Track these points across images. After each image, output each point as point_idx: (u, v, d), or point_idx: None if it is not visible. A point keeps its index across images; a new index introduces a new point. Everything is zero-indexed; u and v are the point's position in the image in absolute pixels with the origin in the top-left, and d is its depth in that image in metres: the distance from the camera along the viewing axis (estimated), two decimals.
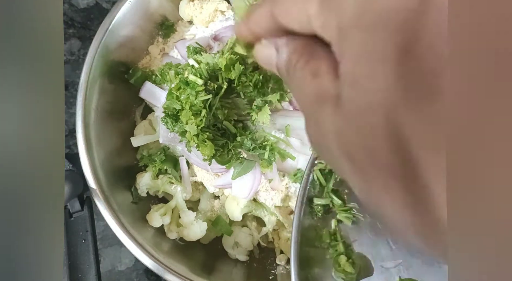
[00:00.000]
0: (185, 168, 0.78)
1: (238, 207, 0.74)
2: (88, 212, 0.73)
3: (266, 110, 0.67)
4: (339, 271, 0.54)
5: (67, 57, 0.95)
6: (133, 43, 0.80)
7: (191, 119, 0.64)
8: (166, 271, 0.68)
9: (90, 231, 0.72)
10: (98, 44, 0.73)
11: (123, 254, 0.89)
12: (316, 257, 0.57)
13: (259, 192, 0.73)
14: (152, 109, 0.84)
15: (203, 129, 0.65)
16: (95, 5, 0.95)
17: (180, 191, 0.78)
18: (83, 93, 0.72)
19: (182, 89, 0.68)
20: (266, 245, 0.80)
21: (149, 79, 0.80)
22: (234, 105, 0.70)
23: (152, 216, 0.75)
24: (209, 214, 0.80)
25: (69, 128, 0.89)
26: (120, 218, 0.70)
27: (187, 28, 0.83)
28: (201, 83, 0.65)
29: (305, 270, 0.56)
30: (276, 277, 0.77)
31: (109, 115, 0.78)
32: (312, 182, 0.59)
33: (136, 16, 0.78)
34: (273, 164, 0.69)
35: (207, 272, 0.74)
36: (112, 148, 0.78)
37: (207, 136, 0.65)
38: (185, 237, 0.76)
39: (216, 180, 0.75)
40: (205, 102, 0.65)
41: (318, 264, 0.57)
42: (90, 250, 0.71)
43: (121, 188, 0.77)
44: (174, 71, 0.73)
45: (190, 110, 0.65)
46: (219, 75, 0.66)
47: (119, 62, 0.80)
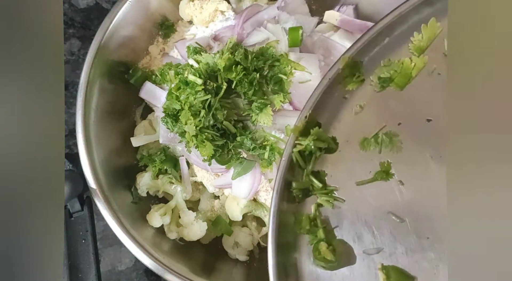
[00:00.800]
0: (185, 168, 0.78)
1: (238, 207, 0.74)
2: (88, 212, 0.73)
3: (268, 111, 0.67)
4: (319, 259, 0.52)
5: (67, 57, 0.95)
6: (133, 43, 0.80)
7: (190, 119, 0.65)
8: (166, 271, 0.68)
9: (90, 231, 0.72)
10: (98, 44, 0.73)
11: (123, 254, 0.89)
12: (295, 244, 0.55)
13: (259, 192, 0.73)
14: (152, 109, 0.84)
15: (202, 130, 0.65)
16: (95, 5, 0.95)
17: (180, 191, 0.78)
18: (83, 93, 0.72)
19: (182, 89, 0.68)
20: (266, 245, 0.80)
21: (149, 79, 0.80)
22: (234, 106, 0.70)
23: (152, 216, 0.75)
24: (209, 214, 0.80)
25: (69, 128, 0.89)
26: (120, 218, 0.70)
27: (187, 28, 0.83)
28: (200, 83, 0.65)
29: (283, 256, 0.54)
30: None
31: (109, 115, 0.78)
32: (290, 163, 0.55)
33: (136, 16, 0.78)
34: (273, 164, 0.69)
35: (207, 272, 0.74)
36: (112, 148, 0.78)
37: (206, 137, 0.65)
38: (185, 237, 0.76)
39: (216, 180, 0.75)
40: (204, 102, 0.65)
41: (296, 251, 0.55)
42: (90, 250, 0.71)
43: (121, 188, 0.77)
44: (174, 71, 0.73)
45: (189, 111, 0.65)
46: (218, 76, 0.66)
47: (119, 62, 0.80)
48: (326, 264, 0.51)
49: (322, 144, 0.54)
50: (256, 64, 0.67)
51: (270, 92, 0.69)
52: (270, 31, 0.73)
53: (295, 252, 0.55)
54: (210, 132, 0.66)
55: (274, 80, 0.68)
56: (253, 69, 0.67)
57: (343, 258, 0.52)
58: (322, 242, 0.52)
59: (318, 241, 0.53)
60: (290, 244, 0.55)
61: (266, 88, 0.69)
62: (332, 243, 0.52)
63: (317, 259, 0.52)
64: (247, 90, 0.66)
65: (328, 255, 0.51)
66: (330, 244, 0.52)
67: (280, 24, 0.75)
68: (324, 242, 0.52)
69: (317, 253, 0.52)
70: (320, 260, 0.52)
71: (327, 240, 0.53)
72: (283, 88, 0.68)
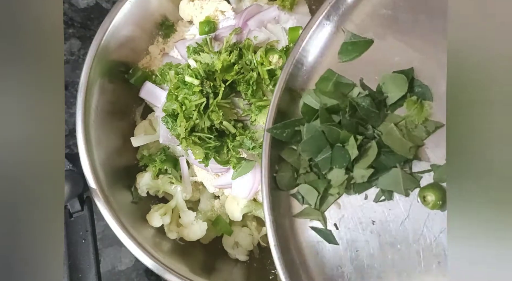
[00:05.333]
0: (185, 167, 0.78)
1: (238, 207, 0.74)
2: (88, 212, 0.73)
3: (267, 112, 0.67)
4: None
5: (67, 57, 0.95)
6: (133, 43, 0.80)
7: (182, 121, 0.65)
8: (166, 271, 0.68)
9: (90, 231, 0.72)
10: (98, 44, 0.73)
11: (123, 254, 0.89)
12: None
13: (259, 191, 0.73)
14: (152, 109, 0.84)
15: (192, 133, 0.66)
16: (95, 5, 0.95)
17: (180, 191, 0.78)
18: (83, 93, 0.72)
19: (180, 88, 0.68)
20: (266, 245, 0.80)
21: (149, 79, 0.80)
22: (233, 105, 0.70)
23: (152, 216, 0.75)
24: (209, 214, 0.80)
25: (69, 128, 0.89)
26: (120, 218, 0.70)
27: (187, 28, 0.83)
28: (197, 83, 0.65)
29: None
30: (276, 277, 0.77)
31: (109, 115, 0.78)
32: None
33: (136, 16, 0.78)
34: None
35: (207, 272, 0.74)
36: (112, 148, 0.78)
37: (193, 140, 0.65)
38: (185, 237, 0.76)
39: (216, 180, 0.75)
40: (198, 106, 0.65)
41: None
42: (90, 250, 0.71)
43: (121, 188, 0.77)
44: (174, 71, 0.73)
45: (183, 114, 0.66)
46: (216, 77, 0.67)
47: (119, 62, 0.79)
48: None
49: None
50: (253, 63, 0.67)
51: (269, 92, 0.69)
52: (270, 31, 0.73)
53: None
54: (202, 135, 0.66)
55: (274, 81, 0.68)
56: (250, 69, 0.67)
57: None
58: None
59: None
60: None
61: (265, 89, 0.69)
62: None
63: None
64: (245, 90, 0.66)
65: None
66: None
67: (280, 24, 0.75)
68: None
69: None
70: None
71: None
72: None
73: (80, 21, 0.95)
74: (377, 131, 0.53)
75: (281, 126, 0.57)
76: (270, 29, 0.73)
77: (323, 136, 0.54)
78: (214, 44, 0.75)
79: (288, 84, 0.59)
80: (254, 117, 0.68)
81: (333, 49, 0.59)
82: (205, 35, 0.76)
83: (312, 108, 0.56)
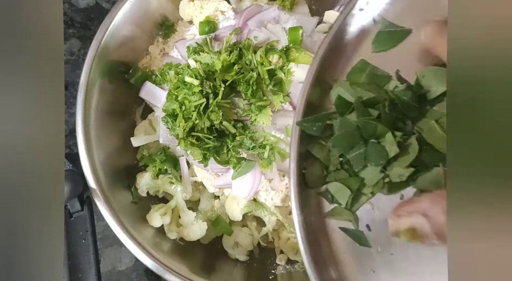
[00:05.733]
0: (185, 167, 0.78)
1: (238, 207, 0.74)
2: (88, 212, 0.73)
3: (267, 112, 0.68)
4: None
5: (67, 57, 0.95)
6: (133, 43, 0.80)
7: (181, 122, 0.65)
8: (166, 271, 0.68)
9: (90, 231, 0.72)
10: (98, 44, 0.73)
11: (123, 254, 0.89)
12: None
13: (259, 192, 0.73)
14: (152, 109, 0.84)
15: (190, 133, 0.66)
16: (95, 5, 0.95)
17: (180, 191, 0.78)
18: (83, 93, 0.72)
19: (180, 88, 0.68)
20: (266, 245, 0.80)
21: (149, 79, 0.80)
22: (233, 105, 0.70)
23: (152, 216, 0.75)
24: (209, 214, 0.80)
25: (69, 128, 0.89)
26: (120, 218, 0.70)
27: (187, 28, 0.83)
28: (197, 83, 0.65)
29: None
30: (276, 277, 0.77)
31: (109, 115, 0.78)
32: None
33: (136, 16, 0.78)
34: (273, 164, 0.69)
35: (207, 272, 0.74)
36: (112, 148, 0.78)
37: (190, 142, 0.65)
38: (185, 237, 0.76)
39: (216, 180, 0.75)
40: (198, 106, 0.65)
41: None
42: (90, 250, 0.71)
43: (121, 188, 0.77)
44: (174, 71, 0.73)
45: (182, 114, 0.66)
46: (216, 77, 0.67)
47: (119, 62, 0.80)
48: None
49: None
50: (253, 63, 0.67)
51: (269, 92, 0.69)
52: (270, 31, 0.73)
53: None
54: (201, 135, 0.66)
55: (274, 81, 0.68)
56: (250, 69, 0.67)
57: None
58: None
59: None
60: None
61: (265, 89, 0.69)
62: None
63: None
64: (245, 90, 0.66)
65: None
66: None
67: (280, 24, 0.75)
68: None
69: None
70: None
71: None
72: (283, 89, 0.68)
73: (80, 21, 0.95)
74: (416, 127, 0.49)
75: (312, 119, 0.54)
76: (270, 29, 0.73)
77: (357, 132, 0.50)
78: (214, 44, 0.75)
79: (319, 75, 0.55)
80: (254, 117, 0.68)
81: (367, 38, 0.55)
82: (205, 35, 0.76)
83: (346, 101, 0.52)
